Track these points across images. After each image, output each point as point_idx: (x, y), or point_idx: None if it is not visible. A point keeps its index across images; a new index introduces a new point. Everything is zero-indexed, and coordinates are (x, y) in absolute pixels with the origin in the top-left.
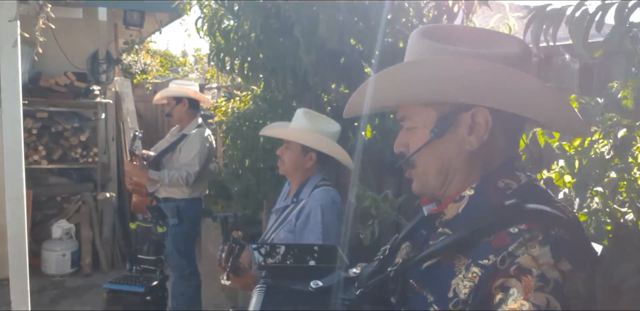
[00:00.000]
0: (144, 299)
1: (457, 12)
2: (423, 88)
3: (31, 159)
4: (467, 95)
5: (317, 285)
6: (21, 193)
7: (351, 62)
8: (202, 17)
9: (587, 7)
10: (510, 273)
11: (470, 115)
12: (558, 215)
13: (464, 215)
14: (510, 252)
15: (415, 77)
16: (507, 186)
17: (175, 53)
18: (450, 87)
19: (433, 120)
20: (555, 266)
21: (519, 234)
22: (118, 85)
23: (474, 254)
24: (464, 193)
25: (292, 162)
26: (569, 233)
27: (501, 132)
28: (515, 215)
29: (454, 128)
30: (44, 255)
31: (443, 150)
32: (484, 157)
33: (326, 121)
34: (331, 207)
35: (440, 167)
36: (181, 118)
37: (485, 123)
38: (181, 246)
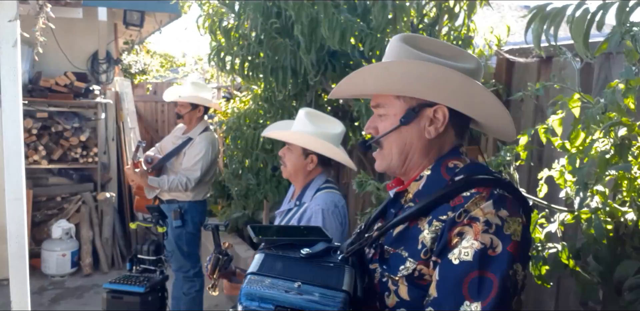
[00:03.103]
0: (144, 299)
1: (458, 12)
2: (400, 84)
3: (31, 159)
4: (433, 95)
5: (307, 252)
6: (21, 193)
7: (351, 62)
8: (202, 15)
9: (587, 6)
10: (465, 223)
11: (432, 110)
12: (499, 178)
13: (424, 190)
14: (465, 209)
15: (396, 74)
16: (455, 166)
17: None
18: (421, 87)
19: (402, 110)
20: (496, 214)
21: (471, 196)
22: (118, 85)
23: (435, 212)
24: (423, 173)
25: (294, 165)
26: (506, 191)
27: (453, 126)
28: (467, 183)
29: (418, 119)
30: (44, 255)
31: (407, 135)
32: (438, 144)
33: (329, 122)
34: (333, 211)
35: (403, 149)
36: (192, 122)
37: (443, 118)
38: (185, 248)
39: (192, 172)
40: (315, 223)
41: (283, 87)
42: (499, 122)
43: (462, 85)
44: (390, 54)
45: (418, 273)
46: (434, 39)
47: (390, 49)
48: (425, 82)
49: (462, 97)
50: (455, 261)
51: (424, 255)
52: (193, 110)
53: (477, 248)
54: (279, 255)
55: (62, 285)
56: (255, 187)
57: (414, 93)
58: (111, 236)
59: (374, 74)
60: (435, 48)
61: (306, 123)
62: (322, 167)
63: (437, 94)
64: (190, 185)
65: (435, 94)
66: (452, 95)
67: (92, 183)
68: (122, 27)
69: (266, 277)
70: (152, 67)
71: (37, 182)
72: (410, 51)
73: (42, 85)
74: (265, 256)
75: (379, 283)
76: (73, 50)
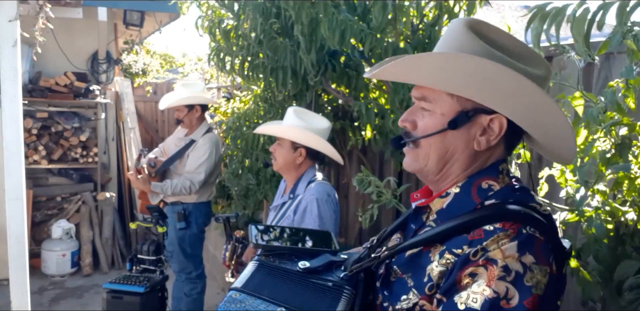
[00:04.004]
0: (144, 299)
1: (458, 12)
2: (459, 82)
3: (31, 159)
4: (496, 103)
5: (305, 266)
6: (21, 193)
7: (351, 62)
8: (202, 16)
9: (588, 6)
10: (479, 263)
11: (488, 118)
12: (531, 214)
13: (447, 209)
14: (484, 247)
15: (459, 70)
16: (490, 187)
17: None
18: (486, 91)
19: (454, 111)
20: (519, 259)
21: (494, 231)
22: (118, 85)
23: (450, 243)
24: (450, 190)
25: (283, 158)
26: (538, 231)
27: (505, 141)
28: (493, 214)
29: (469, 125)
30: (44, 255)
31: (452, 141)
32: (483, 157)
33: (316, 118)
34: (327, 199)
35: (443, 155)
36: (192, 123)
37: (499, 130)
38: (188, 250)
39: (196, 175)
40: (310, 212)
41: (283, 87)
42: (561, 144)
43: (534, 100)
44: (451, 42)
45: (419, 308)
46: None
47: (452, 35)
48: (492, 87)
49: (530, 111)
50: (460, 306)
51: (429, 290)
52: (190, 112)
53: (488, 296)
54: (273, 266)
55: (62, 285)
56: (255, 187)
57: (473, 95)
58: (111, 236)
59: (432, 65)
60: (504, 43)
61: (294, 118)
62: (311, 161)
63: (501, 103)
64: (195, 189)
65: (498, 102)
66: (518, 107)
67: (92, 183)
68: (122, 27)
69: (249, 297)
70: (152, 67)
71: (37, 182)
72: (478, 44)
73: (42, 85)
74: (258, 267)
75: (380, 306)
76: (73, 50)
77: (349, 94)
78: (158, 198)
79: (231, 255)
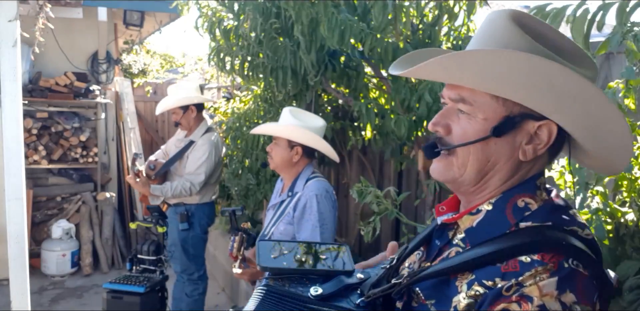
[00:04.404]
0: (144, 299)
1: (458, 12)
2: (508, 83)
3: (31, 159)
4: (552, 109)
5: (317, 292)
6: (21, 193)
7: (351, 62)
8: (201, 16)
9: (588, 6)
10: (513, 299)
11: (537, 125)
12: (574, 245)
13: (477, 229)
14: (519, 282)
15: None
16: (527, 206)
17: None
18: (541, 94)
19: (498, 116)
20: (557, 297)
21: (531, 264)
22: (118, 85)
23: (480, 273)
24: (481, 207)
25: (280, 157)
26: (582, 265)
27: (551, 150)
28: (531, 243)
29: (515, 132)
30: (44, 255)
31: (495, 150)
32: (526, 168)
33: (311, 117)
34: (325, 195)
35: (484, 166)
36: (190, 125)
37: (547, 138)
38: (191, 251)
39: (196, 176)
40: (310, 208)
41: (283, 87)
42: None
43: (594, 105)
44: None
45: None
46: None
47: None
48: (548, 90)
49: (588, 118)
50: None
51: None
52: (186, 112)
53: None
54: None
55: (62, 285)
56: (255, 187)
57: (524, 99)
58: (111, 236)
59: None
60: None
61: (290, 118)
62: (308, 159)
63: (557, 108)
64: (195, 190)
65: (554, 107)
66: (575, 114)
67: (92, 183)
68: (122, 27)
69: None
70: (152, 67)
71: (37, 182)
72: (526, 40)
73: (42, 85)
74: (266, 295)
75: None
76: (73, 50)
77: (349, 94)
78: (159, 200)
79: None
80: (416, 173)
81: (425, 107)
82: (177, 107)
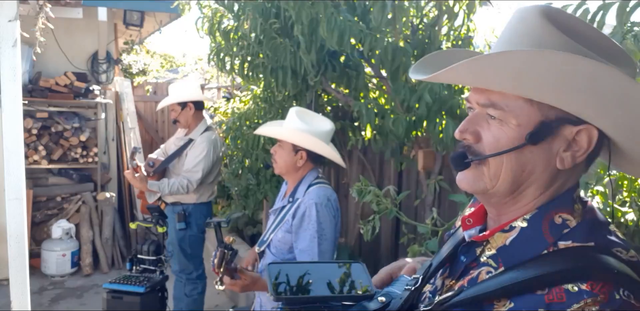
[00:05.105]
0: (144, 299)
1: (458, 12)
2: (548, 87)
3: (31, 159)
4: (594, 112)
5: None
6: (21, 193)
7: (351, 62)
8: (202, 17)
9: (587, 6)
10: None
11: (575, 130)
12: (625, 273)
13: (512, 248)
14: None
15: (548, 71)
16: (565, 223)
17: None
18: (582, 97)
19: (533, 121)
20: None
21: (580, 295)
22: (118, 85)
23: (520, 301)
24: (515, 223)
25: (284, 161)
26: (634, 296)
27: (589, 158)
28: (576, 269)
29: (552, 139)
30: (44, 255)
31: (530, 159)
32: (564, 178)
33: (319, 120)
34: (326, 204)
35: (519, 176)
36: (188, 122)
37: (587, 144)
38: (188, 250)
39: (193, 174)
40: (309, 217)
41: (283, 87)
42: None
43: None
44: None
45: None
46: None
47: (525, 27)
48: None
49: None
50: None
51: None
52: (184, 110)
53: None
54: None
55: (62, 285)
56: (255, 187)
57: (562, 102)
58: (111, 236)
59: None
60: (589, 36)
61: (296, 120)
62: (313, 164)
63: (599, 111)
64: (192, 187)
65: (596, 111)
66: (619, 117)
67: (92, 183)
68: (122, 27)
69: None
70: (152, 67)
71: (37, 182)
72: (562, 38)
73: (42, 85)
74: None
75: None
76: (73, 50)
77: (349, 94)
78: (155, 196)
79: (219, 262)
80: (416, 173)
81: (425, 107)
82: (175, 103)
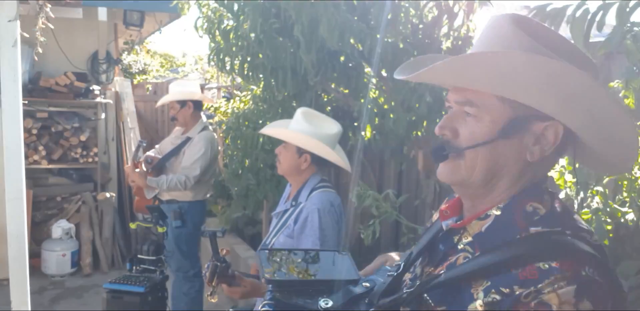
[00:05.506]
0: (144, 299)
1: (458, 12)
2: (516, 86)
3: (31, 159)
4: (558, 109)
5: (327, 305)
6: (21, 193)
7: (351, 62)
8: (201, 16)
9: (587, 6)
10: (531, 306)
11: (543, 126)
12: (589, 252)
13: (486, 234)
14: (538, 289)
15: (517, 71)
16: (535, 211)
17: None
18: (548, 94)
19: (505, 118)
20: (575, 305)
21: (550, 272)
22: (118, 85)
23: (497, 279)
24: (490, 212)
25: (288, 162)
26: (598, 273)
27: (557, 151)
28: (546, 249)
29: (522, 133)
30: (44, 255)
31: (502, 152)
32: (534, 170)
33: (326, 122)
34: (329, 210)
35: (493, 167)
36: (186, 121)
37: (554, 139)
38: (184, 248)
39: (192, 170)
40: (311, 223)
41: (283, 87)
42: (620, 152)
43: (599, 103)
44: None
45: None
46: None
47: (497, 32)
48: (554, 90)
49: (594, 117)
50: None
51: None
52: (183, 108)
53: None
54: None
55: (62, 285)
56: (255, 187)
57: (531, 100)
58: (111, 236)
59: (486, 65)
60: (552, 41)
61: (302, 122)
62: (317, 167)
63: (563, 108)
64: (190, 184)
65: (560, 107)
66: (581, 113)
67: (92, 183)
68: (122, 27)
69: None
70: (152, 67)
71: (37, 182)
72: (529, 43)
73: (42, 85)
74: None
75: None
76: (73, 50)
77: (349, 94)
78: (154, 193)
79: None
80: (416, 173)
81: (426, 107)
82: (175, 100)
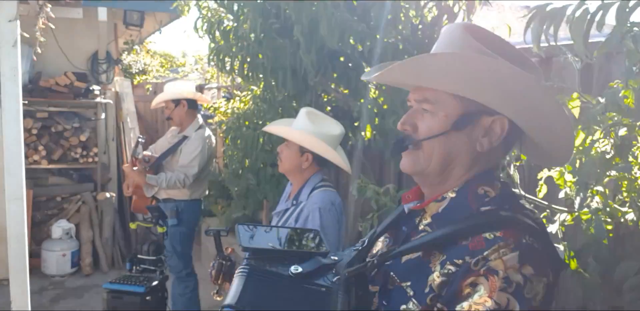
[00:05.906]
0: (144, 299)
1: (458, 12)
2: (465, 84)
3: (31, 159)
4: (503, 105)
5: (297, 271)
6: (21, 193)
7: (351, 62)
8: (201, 17)
9: (587, 6)
10: (481, 273)
11: (491, 120)
12: (529, 224)
13: (442, 214)
14: (485, 256)
15: (466, 70)
16: (486, 193)
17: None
18: (494, 92)
19: (457, 112)
20: (519, 270)
21: (494, 241)
22: (118, 85)
23: (451, 252)
24: (446, 194)
25: (289, 161)
26: (537, 242)
27: (505, 143)
28: (492, 222)
29: (472, 126)
30: (44, 255)
31: (455, 143)
32: (484, 160)
33: (329, 123)
34: (330, 209)
35: (446, 157)
36: (182, 120)
37: (500, 132)
38: (178, 247)
39: (190, 168)
40: (312, 221)
41: (283, 88)
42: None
43: (538, 100)
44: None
45: None
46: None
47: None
48: (498, 87)
49: (534, 112)
50: None
51: (430, 300)
52: (177, 107)
53: (490, 307)
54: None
55: (62, 285)
56: (255, 187)
57: (478, 96)
58: (111, 236)
59: (438, 66)
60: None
61: (306, 122)
62: (318, 166)
63: (507, 104)
64: (189, 181)
65: (504, 103)
66: (523, 108)
67: (92, 183)
68: (122, 27)
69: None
70: (152, 67)
71: (37, 182)
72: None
73: (42, 85)
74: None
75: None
76: (73, 50)
77: (349, 94)
78: (153, 191)
79: (217, 274)
80: None
81: None
82: (169, 100)
